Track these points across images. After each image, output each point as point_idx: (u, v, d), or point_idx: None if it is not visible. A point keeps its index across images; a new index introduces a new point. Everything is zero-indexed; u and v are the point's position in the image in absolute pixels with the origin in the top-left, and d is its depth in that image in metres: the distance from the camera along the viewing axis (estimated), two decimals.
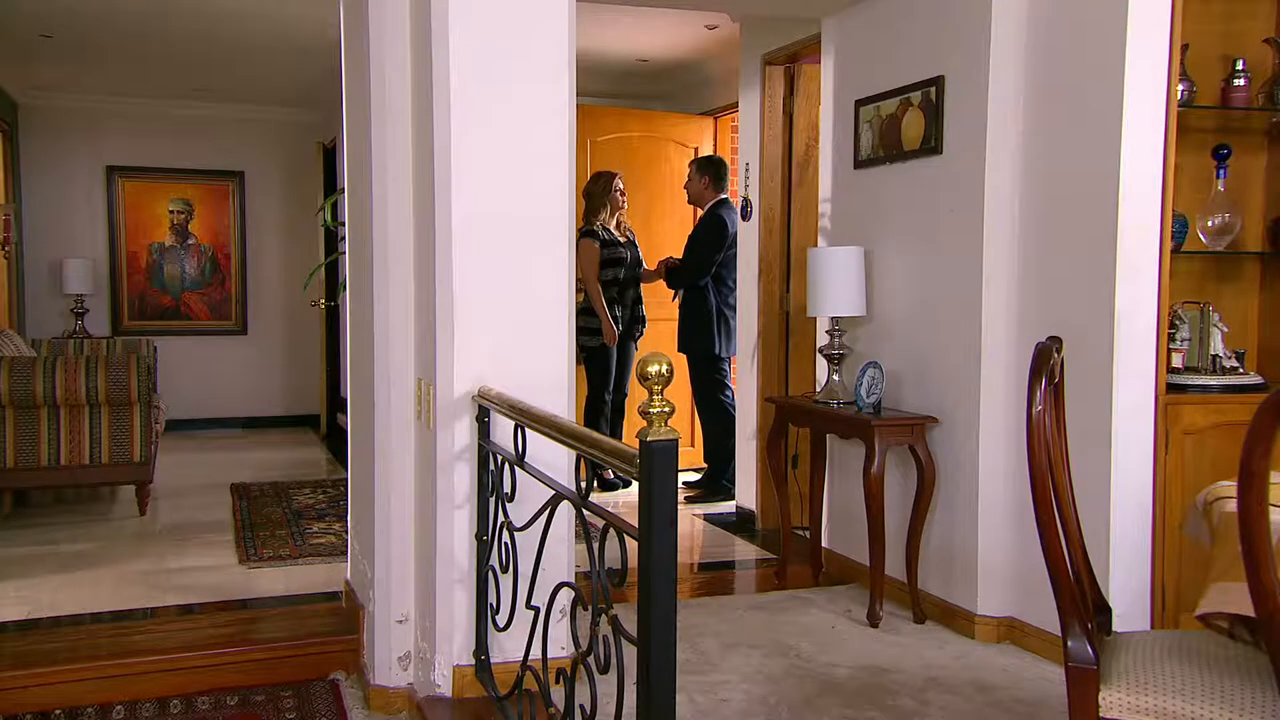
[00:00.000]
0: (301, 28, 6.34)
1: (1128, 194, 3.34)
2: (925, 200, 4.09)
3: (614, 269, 6.21)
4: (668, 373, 1.87)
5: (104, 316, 8.93)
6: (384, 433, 3.31)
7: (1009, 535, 3.77)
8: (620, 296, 6.26)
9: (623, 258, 6.25)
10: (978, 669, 3.49)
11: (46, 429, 5.38)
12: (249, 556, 4.80)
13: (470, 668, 3.05)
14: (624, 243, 6.31)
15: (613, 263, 6.20)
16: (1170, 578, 3.41)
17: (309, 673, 3.52)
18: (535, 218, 3.04)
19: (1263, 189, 3.86)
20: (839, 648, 3.67)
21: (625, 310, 6.28)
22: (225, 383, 9.29)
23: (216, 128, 9.10)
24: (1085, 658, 1.94)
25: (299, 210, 9.33)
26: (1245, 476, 1.54)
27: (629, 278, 6.29)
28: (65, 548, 4.99)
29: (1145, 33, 3.32)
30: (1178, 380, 3.51)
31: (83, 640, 3.61)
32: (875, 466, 3.85)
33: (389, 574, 3.30)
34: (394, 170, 3.27)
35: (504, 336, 3.02)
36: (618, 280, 6.24)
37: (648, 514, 1.85)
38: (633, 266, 6.31)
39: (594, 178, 6.30)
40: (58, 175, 8.71)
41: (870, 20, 4.44)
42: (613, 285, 6.22)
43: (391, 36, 3.25)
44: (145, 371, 5.49)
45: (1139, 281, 3.38)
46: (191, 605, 4.07)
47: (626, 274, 6.27)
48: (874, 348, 4.39)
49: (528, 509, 2.68)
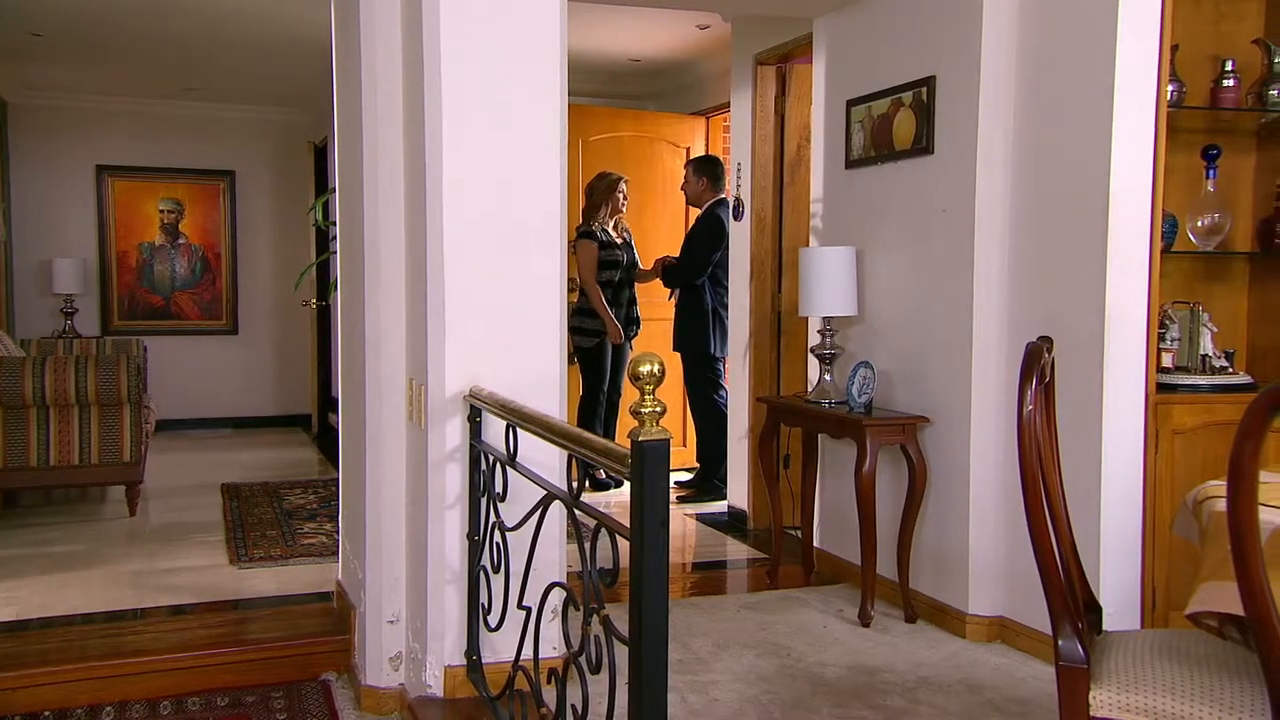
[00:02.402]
0: (292, 27, 6.33)
1: (1118, 194, 3.34)
2: (917, 200, 4.10)
3: (610, 270, 6.22)
4: (659, 373, 1.87)
5: (94, 316, 8.90)
6: (375, 433, 3.31)
7: (1000, 535, 3.78)
8: (615, 297, 6.26)
9: (619, 259, 6.25)
10: (969, 668, 3.50)
11: (36, 429, 5.36)
12: (240, 557, 4.78)
13: (462, 668, 3.04)
14: (620, 244, 6.31)
15: (610, 264, 6.22)
16: (1160, 577, 3.42)
17: (300, 673, 3.51)
18: (527, 217, 3.04)
19: (1251, 189, 3.88)
20: (830, 647, 3.68)
21: (621, 311, 6.29)
22: (216, 383, 9.27)
23: (207, 127, 9.08)
24: (1076, 657, 1.95)
25: (290, 210, 9.31)
26: (1235, 476, 1.55)
27: (624, 279, 6.31)
28: (55, 548, 4.97)
29: (1136, 33, 3.33)
30: (1167, 380, 3.52)
31: (73, 641, 3.60)
32: (867, 466, 3.85)
33: (380, 574, 3.30)
34: (385, 169, 3.26)
35: (496, 336, 3.02)
36: (613, 282, 6.25)
37: (640, 514, 1.84)
38: (628, 268, 6.33)
39: (599, 176, 6.29)
40: (48, 174, 8.68)
41: (862, 20, 4.45)
42: (608, 286, 6.23)
43: (383, 34, 3.24)
44: (135, 371, 5.48)
45: (1129, 281, 3.38)
46: (182, 606, 4.06)
47: (622, 275, 6.28)
48: (865, 348, 4.40)
49: (519, 509, 2.67)
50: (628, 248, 6.37)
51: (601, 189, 6.22)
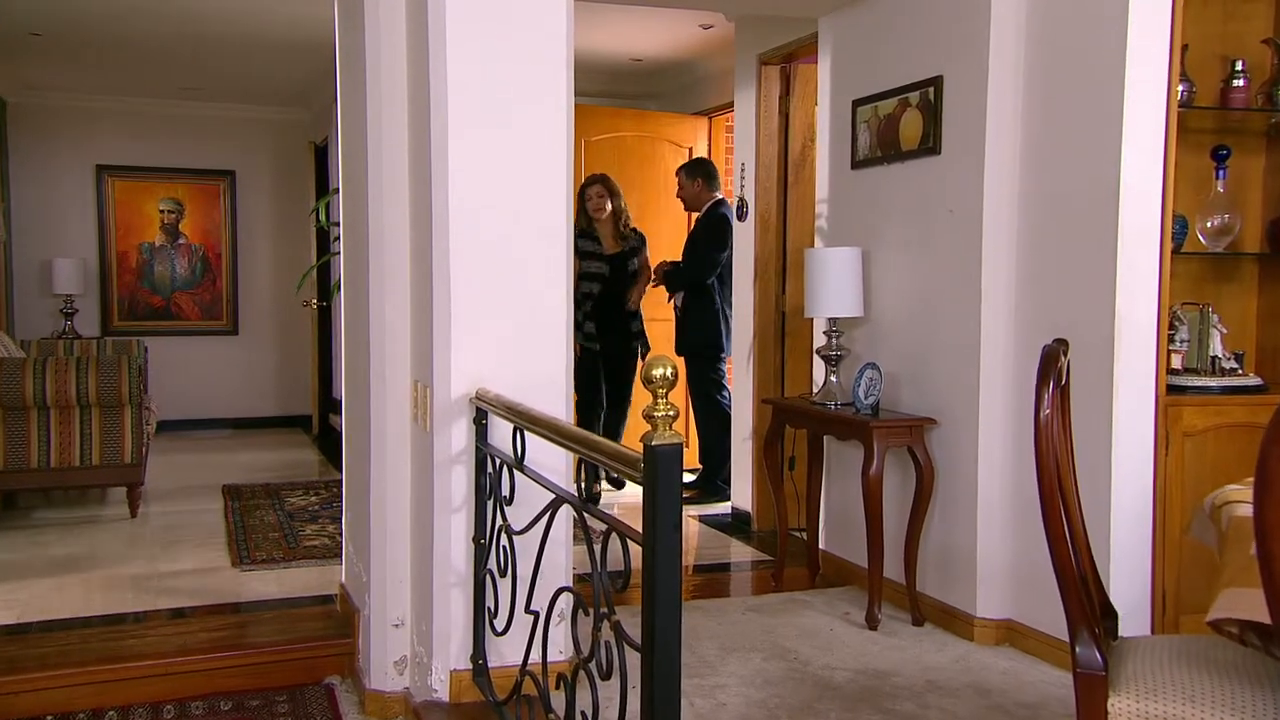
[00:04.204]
0: (293, 26, 6.30)
1: (1129, 195, 3.32)
2: (923, 201, 4.07)
3: (588, 282, 5.89)
4: (673, 376, 1.85)
5: (94, 316, 8.86)
6: (380, 435, 3.28)
7: (1008, 537, 3.76)
8: (600, 313, 5.92)
9: (600, 271, 5.95)
10: (977, 672, 3.48)
11: (36, 430, 5.33)
12: (242, 559, 4.75)
13: (468, 672, 3.02)
14: (611, 254, 6.00)
15: (585, 276, 5.88)
16: (1170, 580, 3.40)
17: (304, 677, 3.48)
18: (533, 215, 3.01)
19: (1261, 190, 3.86)
20: (837, 650, 3.65)
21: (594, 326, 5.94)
22: (216, 383, 9.23)
23: (207, 127, 9.05)
24: (1094, 664, 1.92)
25: (290, 210, 9.28)
26: (1262, 482, 1.52)
27: (608, 293, 5.98)
28: (56, 550, 4.94)
29: (1146, 33, 3.31)
30: (1177, 381, 3.50)
31: (74, 645, 3.57)
32: (874, 468, 3.83)
33: (385, 577, 3.27)
34: (390, 168, 3.24)
35: (502, 338, 2.99)
36: (592, 295, 5.90)
37: (652, 519, 1.82)
38: (620, 279, 5.99)
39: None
40: (47, 174, 8.65)
41: (868, 20, 4.42)
42: (587, 299, 5.87)
43: (387, 31, 3.21)
44: (136, 372, 5.45)
45: (1140, 283, 3.36)
46: (184, 609, 4.03)
47: (606, 289, 5.96)
48: (871, 349, 4.37)
49: (525, 511, 2.65)
50: (622, 257, 6.02)
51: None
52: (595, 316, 5.91)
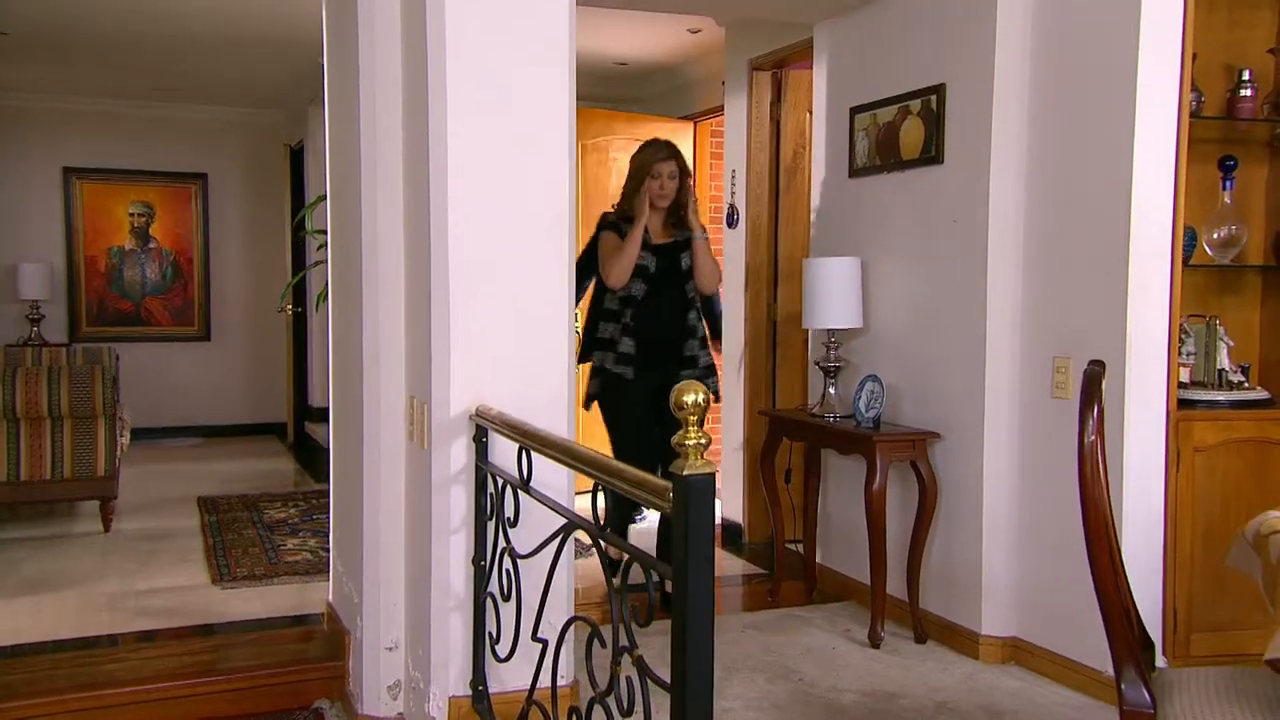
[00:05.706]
0: (267, 25, 6.13)
1: (1141, 206, 3.26)
2: (925, 211, 4.00)
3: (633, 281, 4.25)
4: (704, 403, 1.75)
5: (61, 323, 8.63)
6: (373, 452, 3.16)
7: (1014, 552, 3.69)
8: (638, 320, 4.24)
9: (646, 266, 4.26)
10: (986, 692, 3.40)
11: (5, 442, 5.15)
12: (222, 576, 4.60)
13: (467, 698, 2.90)
14: (664, 243, 4.32)
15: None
16: (1182, 597, 3.34)
17: (291, 701, 3.35)
18: (535, 223, 2.90)
19: (1264, 201, 3.81)
20: (842, 670, 3.57)
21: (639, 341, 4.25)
22: (187, 390, 9.03)
23: (178, 129, 8.85)
24: (1142, 702, 1.85)
25: (264, 214, 9.11)
26: None
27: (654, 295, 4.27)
28: (27, 568, 4.76)
29: (1158, 43, 3.25)
30: (1186, 395, 3.44)
31: (44, 671, 3.41)
32: (878, 483, 3.75)
33: (378, 599, 3.16)
34: (384, 174, 3.13)
35: (503, 351, 2.87)
36: (633, 299, 4.26)
37: (685, 553, 1.72)
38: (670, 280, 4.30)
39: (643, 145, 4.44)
40: (13, 177, 8.42)
41: (866, 26, 4.35)
42: (627, 305, 4.26)
43: (381, 30, 3.09)
44: (110, 383, 5.28)
45: (1150, 296, 3.30)
46: (163, 630, 3.88)
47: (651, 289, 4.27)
48: (870, 360, 4.30)
49: (526, 532, 2.55)
50: (674, 249, 4.32)
51: (634, 166, 4.37)
52: (636, 331, 4.26)
